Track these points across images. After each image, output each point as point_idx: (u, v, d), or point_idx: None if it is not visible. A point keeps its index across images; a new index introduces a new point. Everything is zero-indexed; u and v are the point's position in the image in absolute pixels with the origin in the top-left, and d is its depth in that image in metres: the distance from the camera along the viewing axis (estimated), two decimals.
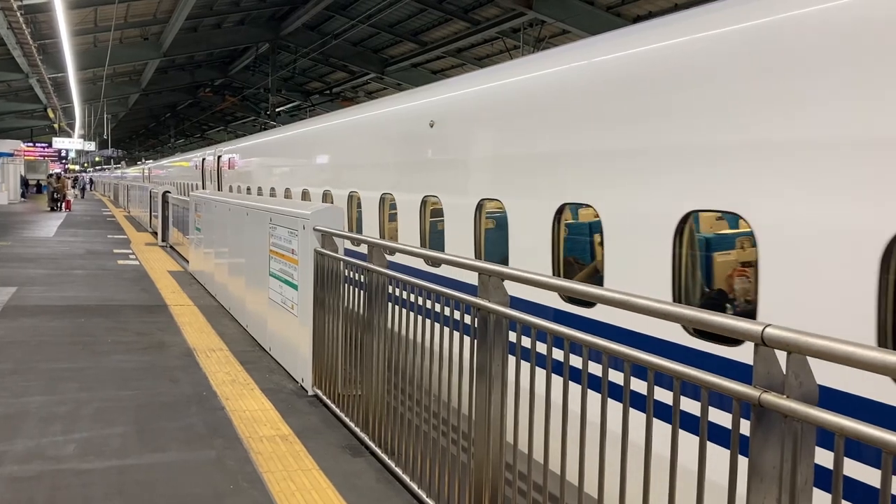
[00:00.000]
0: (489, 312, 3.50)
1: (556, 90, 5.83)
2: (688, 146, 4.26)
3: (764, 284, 3.70)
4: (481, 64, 27.01)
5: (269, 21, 28.89)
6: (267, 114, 36.94)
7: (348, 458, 4.83)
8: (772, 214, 3.67)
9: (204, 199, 12.04)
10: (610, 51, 5.22)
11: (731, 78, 4.04)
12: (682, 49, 4.50)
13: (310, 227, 6.07)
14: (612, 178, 4.90)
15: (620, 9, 19.04)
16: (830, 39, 3.51)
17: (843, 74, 3.43)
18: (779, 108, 3.69)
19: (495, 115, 6.69)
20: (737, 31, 4.07)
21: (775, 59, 3.77)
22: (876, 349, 1.76)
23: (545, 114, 5.86)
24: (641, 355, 2.52)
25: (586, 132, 5.26)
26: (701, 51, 4.33)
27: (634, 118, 4.75)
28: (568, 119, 5.52)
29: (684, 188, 4.26)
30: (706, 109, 4.16)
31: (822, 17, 3.58)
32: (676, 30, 4.72)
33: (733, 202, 3.92)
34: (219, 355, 7.38)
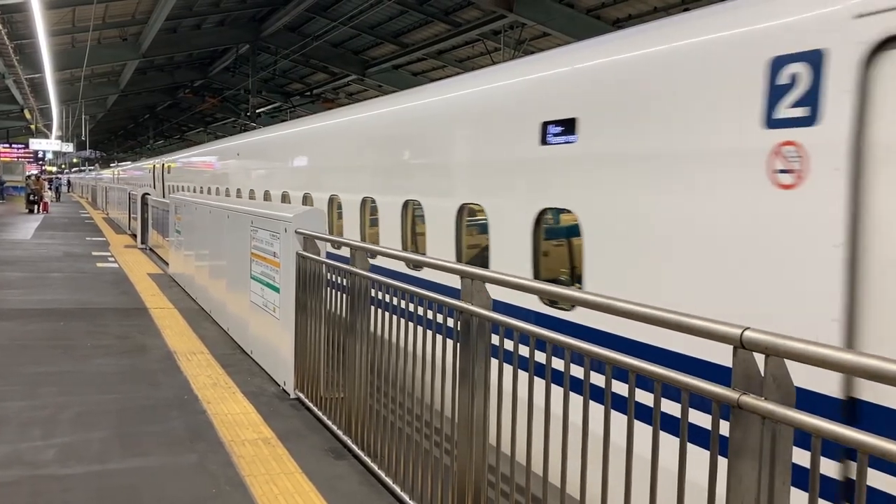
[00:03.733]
0: (472, 315, 3.52)
1: (452, 115, 7.15)
2: (537, 161, 5.52)
3: (586, 257, 4.99)
4: (463, 66, 27.05)
5: (250, 22, 28.76)
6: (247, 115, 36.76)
7: (331, 461, 4.84)
8: (587, 210, 5.01)
9: (184, 202, 11.97)
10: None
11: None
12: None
13: (292, 231, 6.06)
14: (491, 184, 6.19)
15: (600, 12, 19.14)
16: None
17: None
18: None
19: (411, 130, 7.94)
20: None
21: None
22: (851, 351, 1.80)
23: (453, 133, 7.08)
24: (623, 358, 2.55)
25: (478, 148, 6.47)
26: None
27: (503, 142, 6.01)
28: (469, 138, 6.75)
29: (538, 191, 5.50)
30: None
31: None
32: (517, 72, 6.37)
33: (567, 202, 5.19)
34: (200, 358, 7.34)
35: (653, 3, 17.95)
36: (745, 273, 3.78)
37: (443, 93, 7.68)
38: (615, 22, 19.41)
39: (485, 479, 3.60)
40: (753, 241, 3.74)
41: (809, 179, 3.48)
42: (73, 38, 26.17)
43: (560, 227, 5.77)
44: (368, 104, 10.45)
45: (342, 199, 9.38)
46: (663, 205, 4.32)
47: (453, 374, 3.72)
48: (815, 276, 3.40)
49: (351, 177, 9.14)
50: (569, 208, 5.19)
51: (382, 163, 8.46)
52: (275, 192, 12.25)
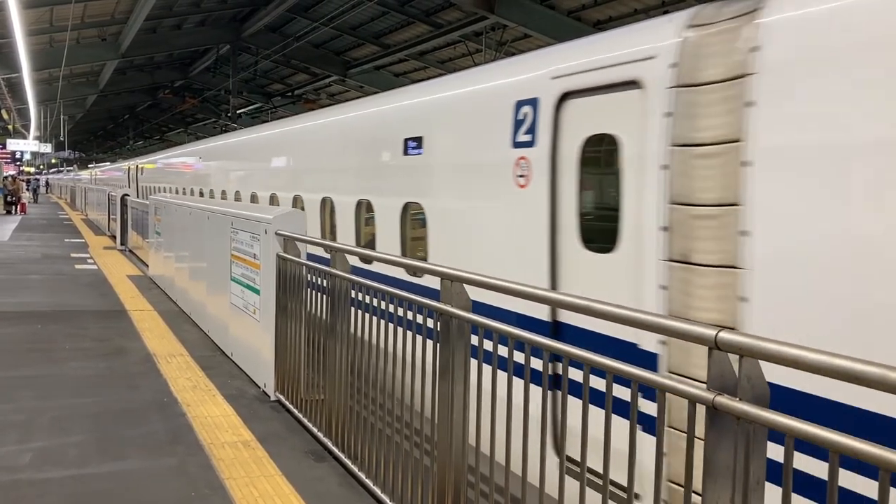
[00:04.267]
0: (451, 317, 3.53)
1: (353, 131, 8.95)
2: (401, 167, 7.23)
3: (432, 241, 6.67)
4: (444, 67, 27.07)
5: (230, 22, 28.61)
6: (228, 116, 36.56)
7: (311, 463, 4.83)
8: (428, 203, 6.73)
9: (164, 203, 11.90)
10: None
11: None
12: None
13: (272, 232, 6.04)
14: (375, 185, 7.90)
15: (581, 13, 19.22)
16: None
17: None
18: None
19: (326, 142, 9.83)
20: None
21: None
22: (824, 353, 1.82)
23: (354, 144, 8.73)
24: (601, 359, 2.57)
25: (368, 157, 8.20)
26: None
27: (382, 152, 7.75)
28: (363, 149, 8.40)
29: (406, 190, 7.15)
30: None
31: None
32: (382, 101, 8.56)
33: (418, 197, 6.93)
34: (179, 361, 7.30)
35: (633, 5, 18.05)
36: (507, 240, 5.59)
37: (347, 112, 9.70)
38: (596, 24, 19.50)
39: (464, 479, 3.61)
40: (510, 220, 5.57)
41: (532, 181, 5.29)
42: (51, 37, 25.91)
43: (417, 215, 7.19)
44: (305, 117, 12.51)
45: (280, 196, 11.15)
46: (467, 198, 6.22)
47: (433, 374, 3.73)
48: (538, 242, 5.18)
49: (291, 178, 11.09)
50: (419, 202, 6.94)
51: (311, 167, 10.31)
52: (244, 192, 13.56)
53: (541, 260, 5.09)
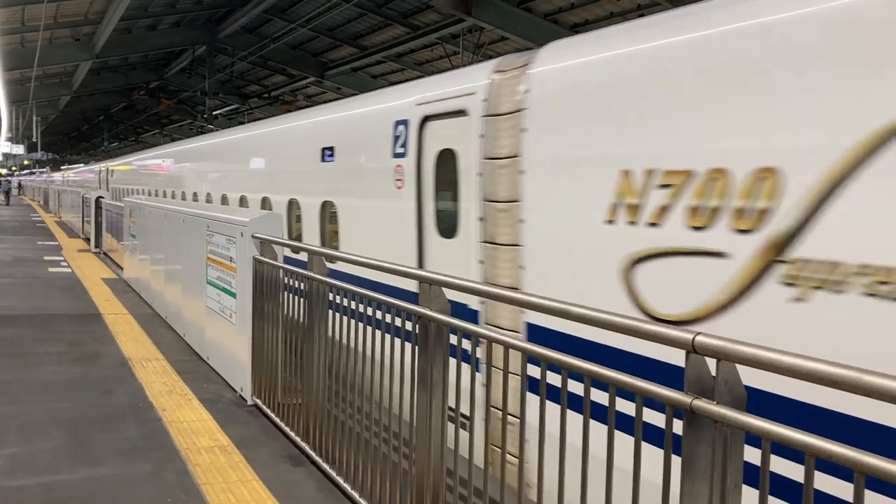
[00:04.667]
0: (430, 320, 3.52)
1: (285, 140, 10.60)
2: (319, 171, 8.68)
3: (341, 233, 8.08)
4: (422, 69, 27.05)
5: (206, 23, 28.39)
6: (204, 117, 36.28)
7: (289, 467, 4.79)
8: (339, 201, 8.16)
9: (138, 205, 11.78)
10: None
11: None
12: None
13: (248, 235, 6.00)
14: (301, 186, 9.32)
15: (558, 16, 19.30)
16: None
17: None
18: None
19: (264, 149, 11.49)
20: None
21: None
22: (800, 356, 1.84)
23: (287, 152, 10.39)
24: (578, 363, 2.57)
25: (296, 163, 9.70)
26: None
27: (306, 159, 9.08)
28: (292, 155, 9.99)
29: (323, 190, 8.58)
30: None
31: None
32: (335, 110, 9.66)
33: (331, 197, 8.33)
34: (155, 365, 7.22)
35: (609, 8, 18.15)
36: (391, 229, 6.88)
37: (284, 123, 11.18)
38: (573, 27, 19.59)
39: (443, 482, 3.60)
40: (392, 214, 6.90)
41: (406, 184, 6.63)
42: (22, 37, 25.57)
43: (332, 211, 8.44)
44: (251, 126, 14.28)
45: (230, 196, 12.66)
46: (364, 197, 7.61)
47: (412, 377, 3.72)
48: (410, 231, 6.50)
49: (239, 181, 12.45)
50: (332, 200, 8.33)
51: (254, 170, 11.78)
52: (200, 192, 15.02)
53: (412, 244, 6.52)
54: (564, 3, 18.60)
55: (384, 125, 7.03)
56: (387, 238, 6.97)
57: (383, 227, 7.11)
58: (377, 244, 6.97)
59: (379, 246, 6.73)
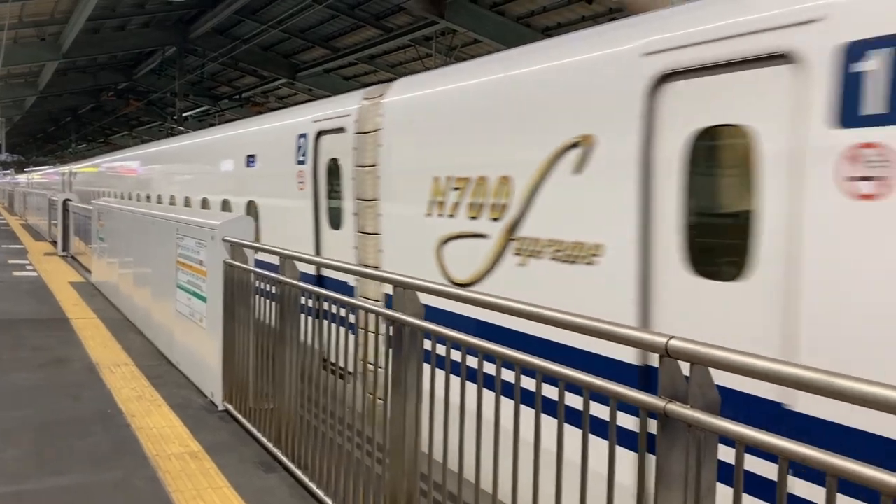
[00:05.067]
0: (404, 324, 3.50)
1: (218, 148, 12.36)
2: (246, 175, 10.30)
3: (262, 226, 9.18)
4: (394, 71, 26.98)
5: (176, 24, 28.06)
6: (174, 118, 35.87)
7: (261, 474, 4.74)
8: (260, 200, 9.66)
9: (107, 208, 11.62)
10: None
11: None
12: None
13: (219, 238, 5.94)
14: (231, 187, 10.94)
15: (530, 20, 19.36)
16: None
17: None
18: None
19: (204, 156, 13.26)
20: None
21: None
22: (774, 360, 1.85)
23: (221, 156, 11.91)
24: (553, 367, 2.57)
25: (228, 168, 11.30)
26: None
27: (236, 164, 10.79)
28: (226, 162, 11.55)
29: (248, 191, 10.14)
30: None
31: None
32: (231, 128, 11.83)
33: (253, 197, 9.90)
34: (124, 370, 7.12)
35: (580, 11, 18.25)
36: (297, 224, 8.34)
37: (222, 133, 12.85)
38: (545, 30, 19.66)
39: (416, 487, 3.59)
40: (297, 211, 8.37)
41: (306, 186, 8.12)
42: None
43: (256, 209, 9.83)
44: (194, 134, 15.64)
45: (178, 197, 14.15)
46: (277, 196, 9.08)
47: (386, 381, 3.69)
48: (310, 225, 8.07)
49: (184, 183, 14.18)
50: (255, 199, 9.88)
51: (194, 173, 13.68)
52: (152, 194, 16.60)
53: (311, 235, 8.06)
54: (536, 6, 18.67)
55: (291, 137, 8.62)
56: (294, 230, 8.47)
57: (291, 221, 8.64)
58: (287, 236, 8.44)
59: (288, 237, 8.28)
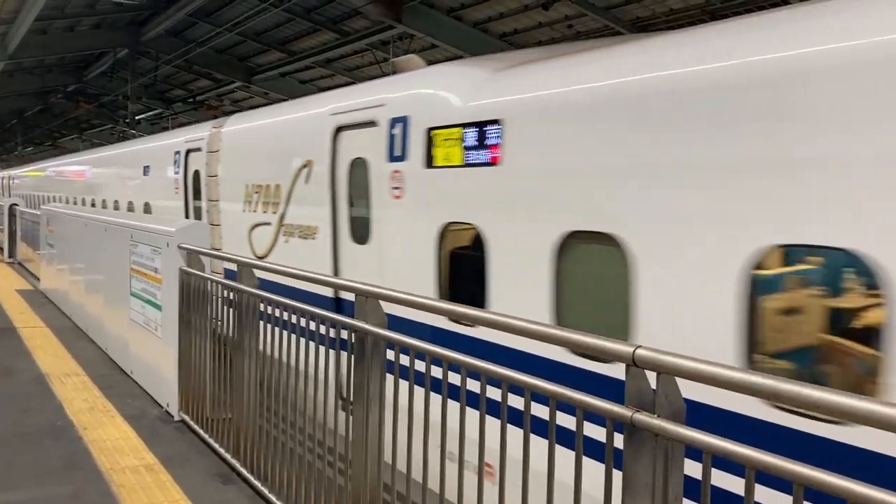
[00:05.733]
0: (366, 334, 3.46)
1: (127, 159, 14.97)
2: (144, 181, 13.11)
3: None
4: (352, 75, 26.84)
5: (128, 26, 27.52)
6: (126, 122, 35.18)
7: (219, 486, 4.65)
8: (154, 203, 12.61)
9: (56, 214, 11.34)
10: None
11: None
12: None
13: (174, 245, 5.82)
14: (132, 192, 13.66)
15: (487, 25, 19.43)
16: None
17: None
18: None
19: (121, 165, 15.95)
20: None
21: None
22: (739, 370, 1.86)
23: (130, 167, 14.63)
24: (519, 376, 2.56)
25: (132, 176, 14.11)
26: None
27: (136, 173, 13.59)
28: (133, 171, 14.30)
29: (144, 194, 13.07)
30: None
31: None
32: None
33: (147, 198, 12.86)
34: (75, 381, 6.93)
35: (537, 18, 18.38)
36: (179, 219, 10.09)
37: (128, 147, 15.80)
38: (502, 36, 19.77)
39: (380, 497, 3.55)
40: (177, 212, 10.91)
41: (180, 190, 11.07)
42: None
43: (149, 209, 12.46)
44: (110, 147, 19.19)
45: (96, 200, 16.81)
46: (164, 199, 11.65)
47: (347, 391, 3.65)
48: (182, 218, 10.72)
49: (102, 188, 16.88)
50: (149, 202, 12.31)
51: (111, 180, 16.18)
52: (79, 197, 18.98)
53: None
54: (494, 12, 18.75)
55: (169, 153, 11.59)
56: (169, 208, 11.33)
57: (168, 206, 11.54)
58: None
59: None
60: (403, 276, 5.77)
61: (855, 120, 3.03)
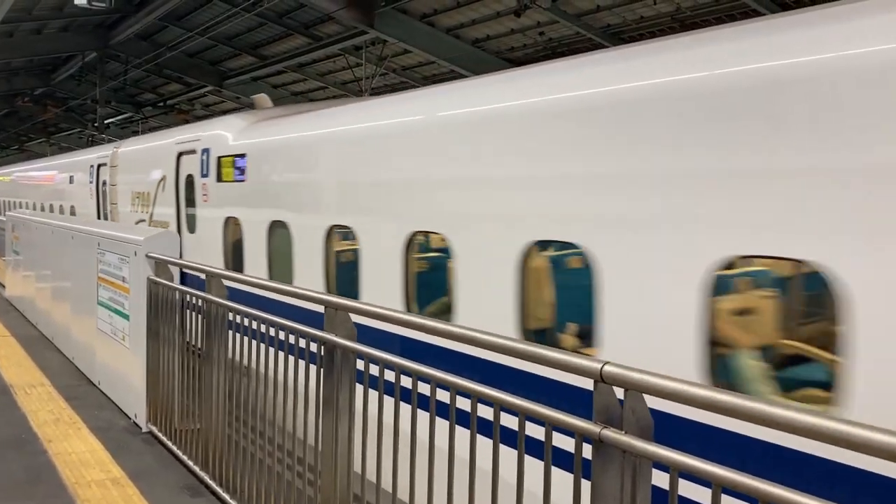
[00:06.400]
0: (335, 346, 3.44)
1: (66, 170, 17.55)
2: (68, 189, 16.63)
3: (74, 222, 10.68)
4: (324, 80, 26.76)
5: (97, 29, 27.19)
6: (94, 125, 34.73)
7: (187, 499, 4.59)
8: (76, 207, 15.97)
9: (22, 220, 11.15)
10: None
11: None
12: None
13: (142, 255, 5.75)
14: (63, 197, 17.19)
15: (459, 31, 19.48)
16: None
17: None
18: None
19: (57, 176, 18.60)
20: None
21: None
22: (705, 387, 1.87)
23: (60, 176, 17.95)
24: (488, 391, 2.55)
25: (60, 184, 17.93)
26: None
27: (77, 184, 16.06)
28: (60, 179, 18.19)
29: (71, 199, 16.36)
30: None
31: None
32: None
33: (72, 202, 16.33)
34: (40, 391, 6.81)
35: (509, 25, 18.45)
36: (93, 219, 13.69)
37: (58, 160, 18.92)
38: (474, 42, 19.82)
39: None
40: (93, 213, 14.30)
41: (93, 196, 14.47)
42: None
43: (75, 211, 15.26)
44: (47, 158, 23.72)
45: (36, 204, 19.48)
46: (82, 203, 15.22)
47: (317, 401, 3.62)
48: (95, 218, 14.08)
49: (39, 193, 19.85)
50: (74, 205, 15.60)
51: (46, 187, 19.05)
52: (29, 201, 21.37)
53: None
54: (466, 19, 18.80)
55: (87, 166, 14.70)
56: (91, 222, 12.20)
57: (91, 217, 13.93)
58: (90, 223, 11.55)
59: (90, 223, 10.86)
60: (210, 255, 8.47)
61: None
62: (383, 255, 5.53)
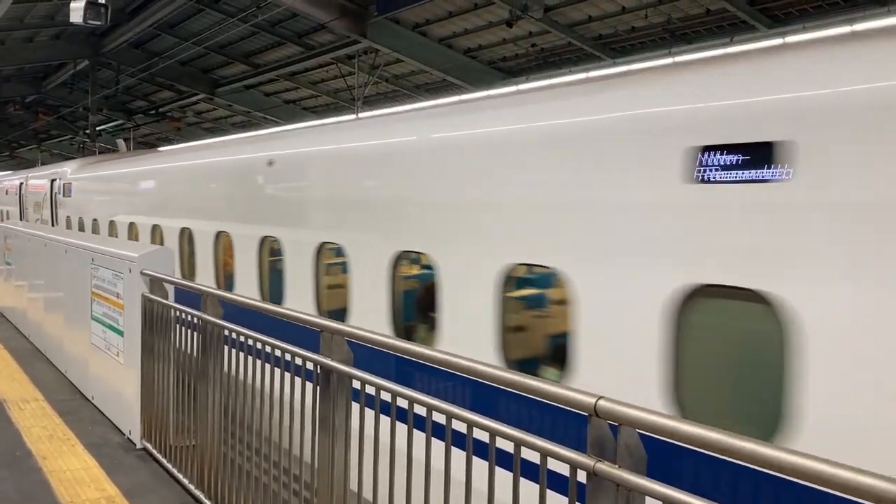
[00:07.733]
0: (331, 370, 3.47)
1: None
2: (37, 199, 19.41)
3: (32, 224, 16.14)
4: (316, 88, 26.80)
5: (89, 37, 27.15)
6: (86, 133, 34.64)
7: None
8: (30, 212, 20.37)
9: (15, 231, 11.13)
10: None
11: None
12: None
13: (137, 271, 5.76)
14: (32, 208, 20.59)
15: (452, 41, 19.56)
16: None
17: None
18: None
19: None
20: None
21: None
22: (699, 426, 1.91)
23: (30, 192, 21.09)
24: (484, 421, 2.58)
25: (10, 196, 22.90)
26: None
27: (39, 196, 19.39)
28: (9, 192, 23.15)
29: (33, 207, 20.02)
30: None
31: None
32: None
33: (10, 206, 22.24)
34: (34, 406, 6.80)
35: (501, 34, 18.54)
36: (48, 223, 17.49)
37: (25, 172, 22.30)
38: (466, 51, 19.90)
39: None
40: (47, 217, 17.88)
41: (46, 207, 17.82)
42: None
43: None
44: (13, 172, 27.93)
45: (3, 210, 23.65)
46: (37, 212, 18.56)
47: (313, 419, 3.64)
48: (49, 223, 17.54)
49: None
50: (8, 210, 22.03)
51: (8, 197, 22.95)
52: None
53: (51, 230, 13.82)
54: (459, 29, 18.89)
55: (44, 183, 17.37)
56: (43, 226, 14.44)
57: (45, 222, 16.57)
58: (42, 227, 13.99)
59: (43, 227, 13.11)
60: (67, 231, 11.92)
61: None
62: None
